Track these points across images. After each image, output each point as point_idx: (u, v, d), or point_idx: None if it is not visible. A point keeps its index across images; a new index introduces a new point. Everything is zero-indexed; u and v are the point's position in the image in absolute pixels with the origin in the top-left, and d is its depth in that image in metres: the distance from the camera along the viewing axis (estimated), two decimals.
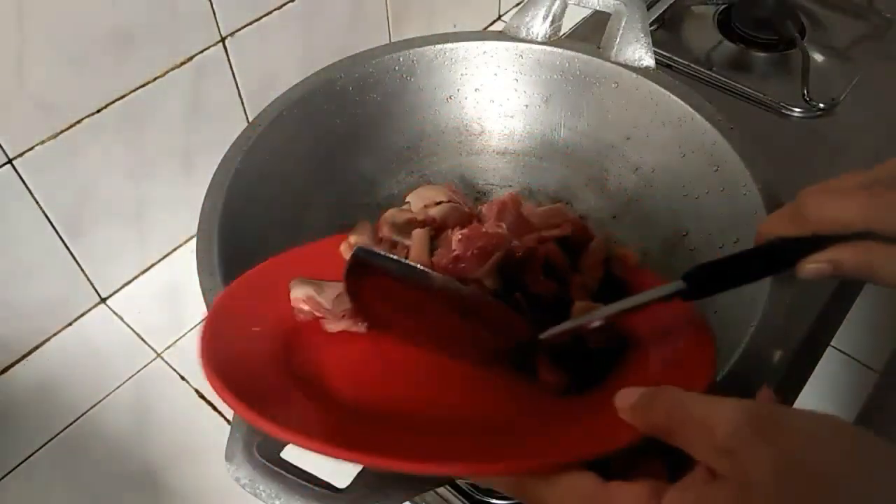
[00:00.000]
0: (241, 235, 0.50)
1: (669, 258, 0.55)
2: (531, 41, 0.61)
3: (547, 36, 0.61)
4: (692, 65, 0.82)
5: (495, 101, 0.64)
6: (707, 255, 0.52)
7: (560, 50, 0.61)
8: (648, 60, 0.59)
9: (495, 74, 0.63)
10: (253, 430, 0.38)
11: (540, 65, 0.62)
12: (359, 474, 0.37)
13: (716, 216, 0.52)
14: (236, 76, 0.66)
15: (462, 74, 0.63)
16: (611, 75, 0.60)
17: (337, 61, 0.60)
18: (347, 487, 0.36)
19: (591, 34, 0.81)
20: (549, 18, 0.60)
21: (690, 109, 0.55)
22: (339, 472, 0.37)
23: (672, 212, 0.56)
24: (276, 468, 0.36)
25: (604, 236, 0.54)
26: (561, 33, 0.62)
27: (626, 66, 0.59)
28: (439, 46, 0.62)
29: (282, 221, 0.56)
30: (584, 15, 0.88)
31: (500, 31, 0.63)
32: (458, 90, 0.64)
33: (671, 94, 0.56)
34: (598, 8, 0.60)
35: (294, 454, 0.38)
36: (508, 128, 0.65)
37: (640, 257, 0.56)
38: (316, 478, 0.36)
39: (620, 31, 0.58)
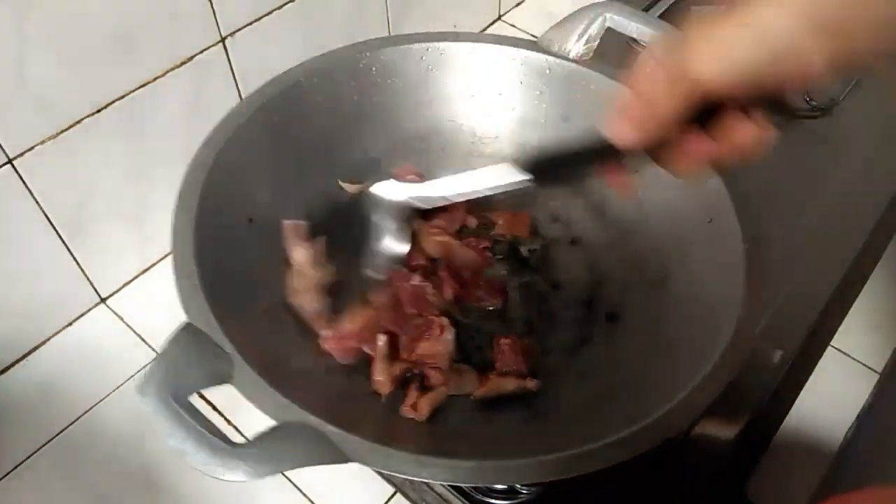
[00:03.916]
0: (226, 197, 0.51)
1: (647, 298, 0.54)
2: (562, 57, 0.60)
3: (579, 55, 0.60)
4: None
5: (516, 110, 0.63)
6: (682, 302, 0.52)
7: (589, 71, 0.60)
8: None
9: (521, 83, 0.63)
10: (172, 371, 0.39)
11: (566, 82, 0.61)
12: (257, 436, 0.37)
13: (699, 265, 0.52)
14: (236, 76, 0.66)
15: (488, 76, 0.63)
16: None
17: (366, 40, 0.60)
18: (242, 444, 0.37)
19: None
20: (584, 38, 0.59)
21: None
22: (244, 429, 0.37)
23: (661, 252, 0.55)
24: (180, 410, 0.37)
25: None
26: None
27: None
28: (471, 45, 0.61)
29: (272, 189, 0.56)
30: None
31: (534, 42, 0.62)
32: (482, 91, 0.63)
33: None
34: (634, 35, 0.59)
35: (203, 404, 0.38)
36: (523, 138, 0.64)
37: (621, 291, 0.56)
38: (215, 427, 0.37)
39: None
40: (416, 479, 0.41)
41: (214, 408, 0.59)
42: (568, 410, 0.49)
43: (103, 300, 0.67)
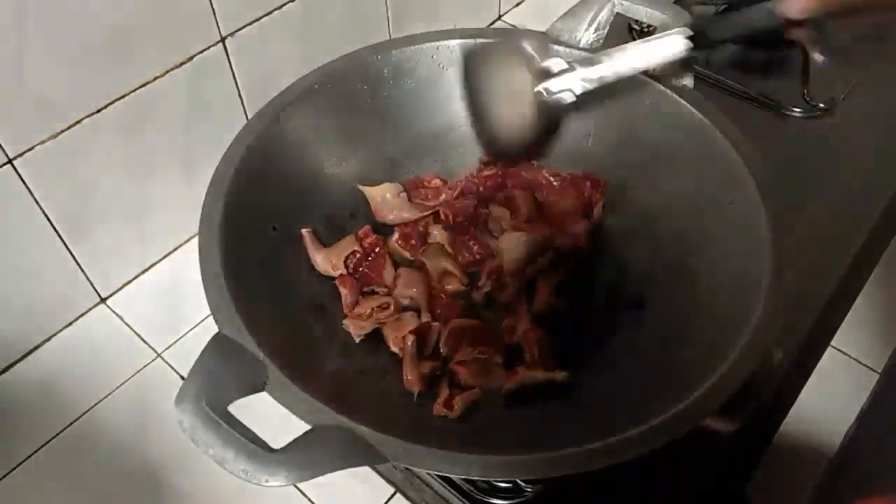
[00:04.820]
0: (249, 207, 0.51)
1: (671, 282, 0.55)
2: (573, 46, 0.60)
3: (589, 43, 0.60)
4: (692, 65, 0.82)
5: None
6: (707, 284, 0.52)
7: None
8: (687, 80, 0.58)
9: None
10: (207, 381, 0.39)
11: None
12: (294, 441, 0.37)
13: (723, 247, 0.52)
14: (236, 76, 0.66)
15: None
16: (646, 90, 0.59)
17: (375, 43, 0.60)
18: (281, 449, 0.37)
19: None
20: (594, 26, 0.60)
21: (720, 136, 0.54)
22: (281, 435, 0.37)
23: (683, 236, 0.56)
24: (217, 419, 0.37)
25: None
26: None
27: (663, 82, 0.58)
28: (481, 41, 0.61)
29: (293, 195, 0.57)
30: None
31: (543, 33, 0.62)
32: None
33: (704, 119, 0.55)
34: (643, 20, 0.59)
35: (241, 409, 0.39)
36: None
37: (645, 277, 0.56)
38: (253, 434, 0.37)
39: None
40: (452, 475, 0.41)
41: None
42: (599, 400, 0.49)
43: (103, 300, 0.67)
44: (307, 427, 0.39)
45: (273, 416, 0.40)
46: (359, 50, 0.60)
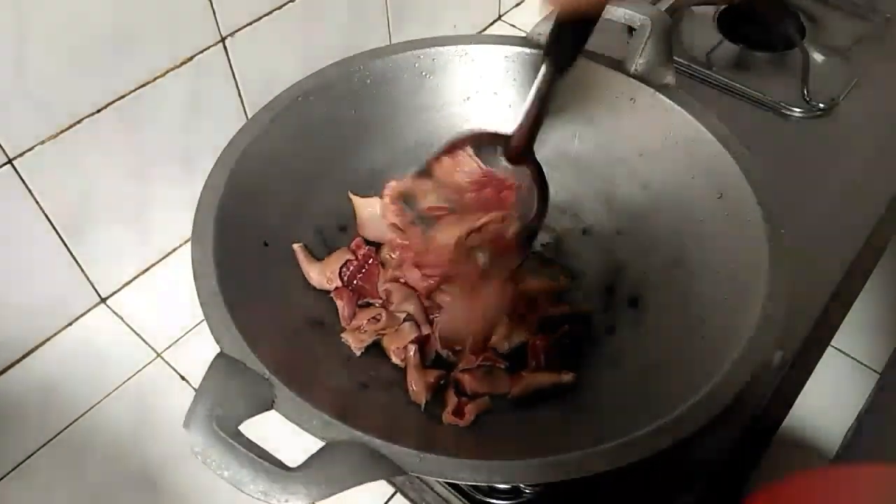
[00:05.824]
0: (239, 225, 0.51)
1: (668, 279, 0.55)
2: None
3: None
4: (692, 65, 0.82)
5: (512, 107, 0.64)
6: (704, 279, 0.52)
7: (581, 60, 0.60)
8: (669, 78, 0.58)
9: (515, 80, 0.63)
10: (215, 402, 0.39)
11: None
12: (310, 458, 0.37)
13: (717, 241, 0.52)
14: (236, 76, 0.66)
15: (481, 77, 0.63)
16: (629, 90, 0.59)
17: (357, 54, 0.60)
18: (298, 467, 0.36)
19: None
20: None
21: (705, 130, 0.54)
22: (294, 454, 0.37)
23: (675, 233, 0.56)
24: (230, 440, 0.37)
25: None
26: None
27: (645, 81, 0.58)
28: (462, 47, 0.62)
29: (282, 210, 0.56)
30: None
31: (524, 37, 0.62)
32: (477, 92, 0.63)
33: (687, 114, 0.56)
34: (623, 21, 0.59)
35: (251, 429, 0.38)
36: None
37: (640, 275, 0.57)
38: (268, 454, 0.37)
39: (643, 46, 0.58)
40: (471, 483, 0.41)
41: None
42: (606, 400, 0.49)
43: (103, 300, 0.67)
44: (312, 444, 0.39)
45: (274, 435, 0.40)
46: (341, 61, 0.60)
